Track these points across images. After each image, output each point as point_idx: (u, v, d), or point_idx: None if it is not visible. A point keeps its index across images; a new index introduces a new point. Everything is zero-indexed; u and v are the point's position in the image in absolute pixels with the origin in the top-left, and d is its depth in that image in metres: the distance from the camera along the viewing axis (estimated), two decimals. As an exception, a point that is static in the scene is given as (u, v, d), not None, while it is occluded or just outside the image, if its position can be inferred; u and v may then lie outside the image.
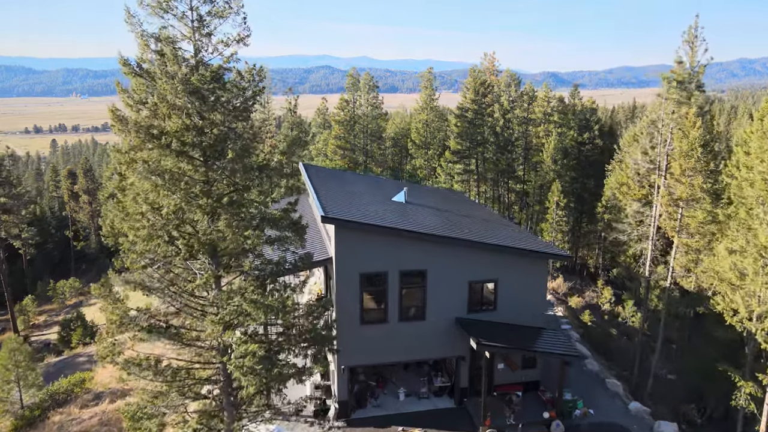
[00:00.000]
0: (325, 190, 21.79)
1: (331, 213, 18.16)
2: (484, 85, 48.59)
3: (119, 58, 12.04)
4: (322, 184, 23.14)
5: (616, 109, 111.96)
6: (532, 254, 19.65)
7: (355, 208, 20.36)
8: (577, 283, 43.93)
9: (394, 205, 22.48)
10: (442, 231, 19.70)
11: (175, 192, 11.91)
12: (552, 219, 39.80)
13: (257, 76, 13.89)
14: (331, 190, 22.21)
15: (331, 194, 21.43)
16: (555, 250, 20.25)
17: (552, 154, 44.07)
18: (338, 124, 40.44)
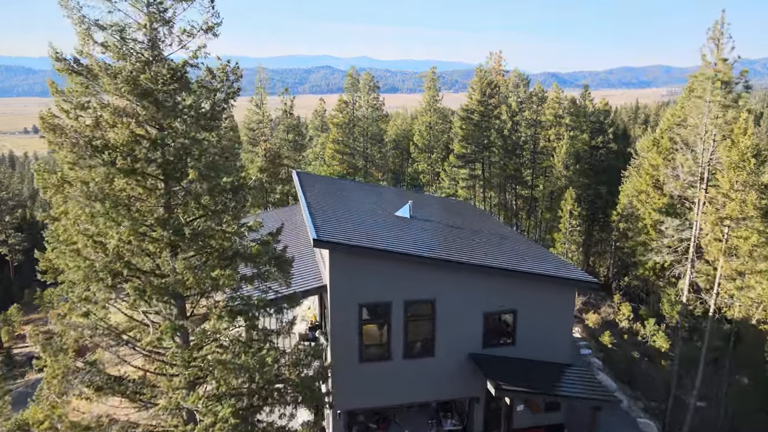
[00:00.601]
0: (319, 204, 19.16)
1: (324, 235, 15.53)
2: (491, 85, 45.98)
3: (50, 51, 9.41)
4: (316, 196, 20.50)
5: (618, 109, 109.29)
6: (558, 281, 17.02)
7: (353, 226, 17.72)
8: (591, 296, 41.29)
9: (398, 222, 19.86)
10: (453, 254, 17.07)
11: (121, 222, 9.28)
12: (565, 229, 37.18)
13: (232, 75, 11.27)
14: (325, 205, 19.58)
15: (326, 210, 18.79)
16: (583, 276, 17.61)
17: (563, 158, 41.44)
18: (336, 126, 37.88)
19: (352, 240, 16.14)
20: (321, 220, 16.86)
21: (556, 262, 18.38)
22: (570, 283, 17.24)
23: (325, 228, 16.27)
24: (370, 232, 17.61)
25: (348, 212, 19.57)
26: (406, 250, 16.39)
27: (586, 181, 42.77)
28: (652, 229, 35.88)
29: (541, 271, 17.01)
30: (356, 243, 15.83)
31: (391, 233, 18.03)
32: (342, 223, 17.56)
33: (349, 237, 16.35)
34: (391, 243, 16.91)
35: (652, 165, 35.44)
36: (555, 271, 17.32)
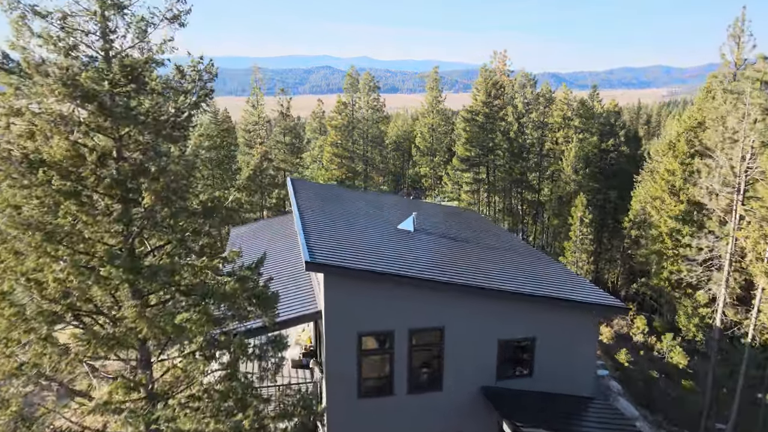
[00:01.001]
0: (313, 217, 17.27)
1: (318, 256, 13.65)
2: (497, 86, 44.13)
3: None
4: (311, 208, 18.62)
5: (621, 110, 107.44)
6: (582, 306, 15.15)
7: (352, 244, 15.83)
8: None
9: (401, 236, 17.98)
10: (464, 275, 15.19)
11: (58, 258, 7.40)
12: (575, 237, 35.29)
13: (206, 74, 9.40)
14: (321, 218, 17.69)
15: (321, 224, 16.90)
16: (609, 300, 15.74)
17: (573, 162, 39.58)
18: (335, 129, 36.03)
19: (350, 261, 14.26)
20: (315, 238, 14.97)
21: (578, 284, 16.50)
22: (595, 308, 15.36)
23: (320, 247, 14.39)
24: (371, 250, 15.73)
25: (346, 226, 17.68)
26: (411, 272, 14.51)
27: (596, 186, 40.88)
28: (668, 237, 34.00)
29: (564, 295, 15.13)
30: (355, 265, 13.95)
31: (394, 251, 16.15)
32: (339, 241, 15.67)
33: (346, 257, 14.47)
34: (394, 263, 15.04)
35: (668, 170, 33.56)
36: (579, 295, 15.44)
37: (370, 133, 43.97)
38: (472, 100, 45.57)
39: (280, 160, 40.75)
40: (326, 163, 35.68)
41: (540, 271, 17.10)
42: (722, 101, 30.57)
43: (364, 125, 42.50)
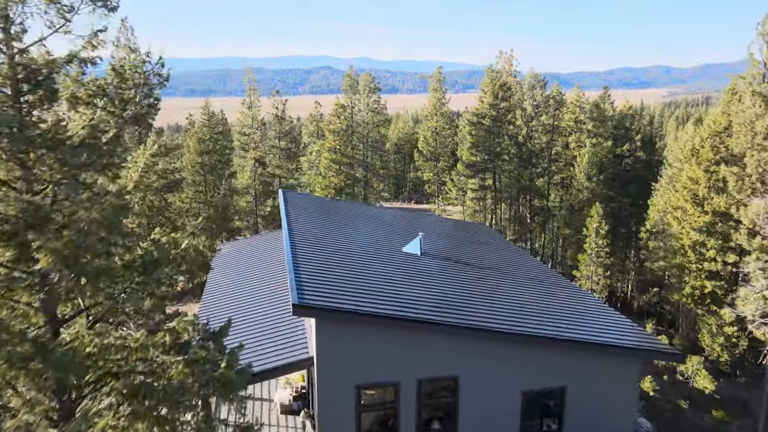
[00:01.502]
0: (305, 245, 14.90)
1: (309, 297, 11.30)
2: (504, 87, 41.76)
3: None
4: (303, 231, 16.25)
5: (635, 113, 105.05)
6: (623, 351, 12.80)
7: (349, 276, 13.46)
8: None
9: (406, 263, 15.64)
10: (481, 314, 12.84)
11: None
12: (590, 249, 32.91)
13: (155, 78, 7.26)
14: (314, 244, 15.31)
15: (314, 251, 14.53)
16: (657, 343, 13.39)
17: (586, 168, 37.21)
18: (333, 134, 33.72)
19: (347, 300, 11.92)
20: (306, 273, 12.60)
21: (615, 321, 14.13)
22: (639, 353, 13.00)
23: (311, 284, 12.03)
24: (372, 283, 13.36)
25: (343, 253, 15.31)
26: (418, 312, 12.16)
27: (611, 194, 38.54)
28: (690, 250, 31.66)
29: (602, 339, 12.77)
30: (352, 307, 11.60)
31: (399, 284, 13.79)
32: (334, 273, 13.30)
33: (343, 295, 12.11)
34: (399, 300, 12.70)
35: (691, 178, 31.20)
36: (618, 337, 13.08)
37: (371, 137, 41.61)
38: (477, 102, 43.19)
39: (275, 166, 38.39)
40: (324, 170, 33.36)
41: (568, 305, 14.73)
42: (751, 104, 28.15)
43: (364, 129, 40.15)
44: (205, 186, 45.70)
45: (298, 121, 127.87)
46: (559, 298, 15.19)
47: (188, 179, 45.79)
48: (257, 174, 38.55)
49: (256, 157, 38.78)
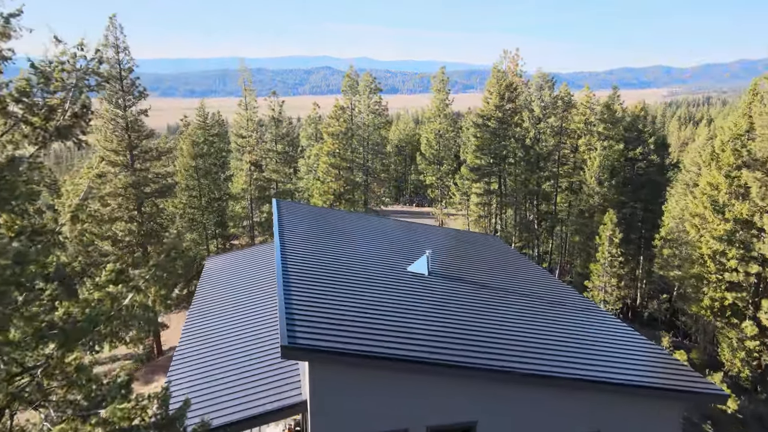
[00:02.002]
0: (298, 268, 13.16)
1: (302, 337, 9.57)
2: (510, 88, 40.05)
3: None
4: (297, 251, 14.51)
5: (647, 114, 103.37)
6: (665, 394, 11.07)
7: (348, 306, 11.71)
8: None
9: (412, 286, 13.92)
10: (500, 350, 11.12)
11: None
12: (603, 258, 31.18)
13: (92, 78, 5.36)
14: (308, 266, 13.56)
15: (309, 276, 12.79)
16: (703, 384, 11.65)
17: (596, 172, 35.50)
18: (332, 137, 32.06)
19: (346, 335, 10.19)
20: (300, 305, 10.86)
21: (651, 355, 12.41)
22: (683, 396, 11.26)
23: (305, 320, 10.29)
24: (374, 315, 11.62)
25: (342, 275, 13.57)
26: (427, 350, 10.43)
27: (623, 199, 36.81)
28: (710, 260, 29.95)
29: (640, 380, 11.03)
30: (352, 346, 9.86)
31: (406, 313, 12.05)
32: (332, 304, 11.55)
33: (340, 331, 10.37)
34: (406, 333, 10.98)
35: (711, 184, 29.49)
36: (658, 376, 11.35)
37: (371, 140, 39.86)
38: (482, 103, 41.50)
39: (271, 171, 36.63)
40: (322, 174, 31.70)
41: (597, 336, 13.00)
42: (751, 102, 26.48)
43: (365, 131, 38.41)
44: (199, 191, 43.96)
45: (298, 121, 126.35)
46: (585, 326, 13.45)
47: (181, 184, 44.09)
48: (252, 178, 36.83)
49: (251, 160, 37.07)
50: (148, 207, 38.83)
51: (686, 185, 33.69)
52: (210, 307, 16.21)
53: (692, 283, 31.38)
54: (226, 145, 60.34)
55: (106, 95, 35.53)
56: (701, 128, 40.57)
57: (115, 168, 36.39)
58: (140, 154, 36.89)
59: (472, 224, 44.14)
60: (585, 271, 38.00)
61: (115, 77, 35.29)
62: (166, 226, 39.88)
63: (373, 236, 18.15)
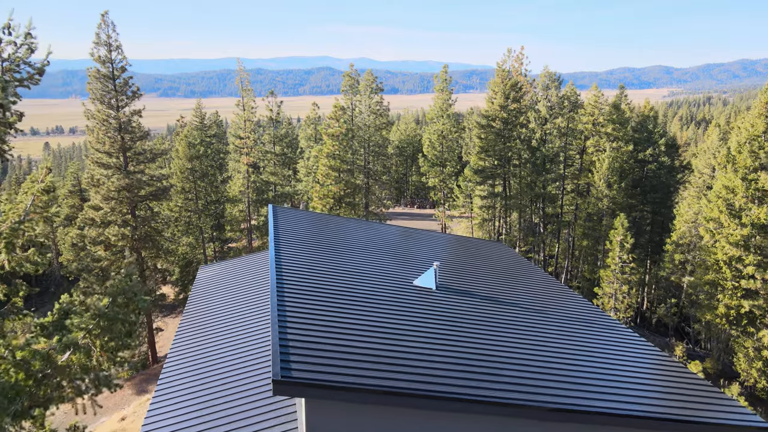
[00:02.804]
0: (295, 287, 11.96)
1: (298, 370, 8.37)
2: (516, 87, 38.86)
3: None
4: (294, 266, 13.32)
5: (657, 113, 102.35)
6: (709, 427, 9.87)
7: (350, 330, 10.51)
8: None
9: (420, 302, 12.72)
10: (521, 380, 9.91)
11: None
12: (614, 265, 29.99)
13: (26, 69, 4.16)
14: (306, 283, 12.37)
15: (306, 296, 11.59)
16: (745, 415, 10.47)
17: (606, 175, 34.30)
18: (331, 138, 30.91)
19: (347, 366, 8.98)
20: (295, 331, 9.66)
21: (686, 384, 11.20)
22: (725, 428, 10.06)
23: (302, 349, 9.08)
24: (381, 338, 10.42)
25: (343, 292, 12.38)
26: (442, 381, 9.22)
27: (632, 202, 35.62)
28: (726, 266, 28.78)
29: (680, 416, 9.83)
30: (355, 379, 8.65)
31: (416, 336, 10.85)
32: (332, 328, 10.35)
33: (342, 359, 9.17)
34: (417, 360, 9.78)
35: (727, 187, 28.31)
36: (696, 411, 10.15)
37: (372, 141, 38.66)
38: (486, 103, 40.34)
39: (269, 173, 35.42)
40: (321, 177, 30.55)
41: (626, 361, 11.79)
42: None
43: (365, 132, 37.21)
44: (195, 194, 42.79)
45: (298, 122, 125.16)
46: (610, 348, 12.25)
47: (177, 186, 42.95)
48: (250, 181, 35.65)
49: (249, 162, 35.90)
50: (142, 210, 37.71)
51: (699, 188, 32.50)
52: (200, 324, 15.04)
53: (706, 289, 30.22)
54: (225, 146, 59.18)
55: (99, 95, 34.50)
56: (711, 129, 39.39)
57: (107, 170, 35.30)
58: (134, 156, 35.77)
59: (476, 227, 42.97)
60: (593, 276, 36.86)
61: (107, 76, 34.21)
62: (161, 230, 38.76)
63: (375, 245, 16.95)
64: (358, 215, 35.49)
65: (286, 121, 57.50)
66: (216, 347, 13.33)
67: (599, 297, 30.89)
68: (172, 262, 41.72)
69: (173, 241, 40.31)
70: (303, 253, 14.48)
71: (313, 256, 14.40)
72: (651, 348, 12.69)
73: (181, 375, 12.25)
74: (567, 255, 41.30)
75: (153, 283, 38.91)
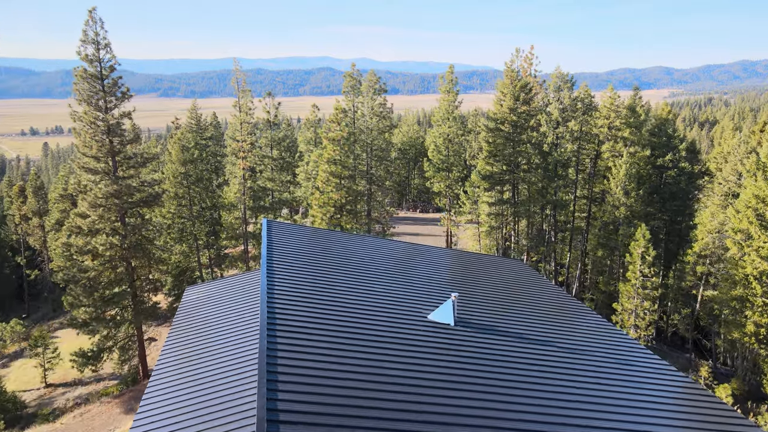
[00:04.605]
0: (287, 317, 10.00)
1: (287, 421, 6.41)
2: (526, 89, 36.90)
3: None
4: (287, 291, 11.37)
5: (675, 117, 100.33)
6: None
7: (350, 377, 8.53)
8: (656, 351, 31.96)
9: (436, 342, 10.77)
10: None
11: None
12: (634, 279, 28.00)
13: None
14: (300, 314, 10.39)
15: (299, 332, 9.62)
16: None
17: (623, 182, 32.32)
18: (332, 142, 28.95)
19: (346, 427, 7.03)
20: (288, 382, 7.69)
21: (723, 418, 9.27)
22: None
23: (294, 406, 7.13)
24: (387, 391, 8.45)
25: (344, 329, 10.40)
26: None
27: (650, 210, 33.63)
28: (755, 281, 26.79)
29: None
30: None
31: (433, 388, 8.87)
32: (333, 381, 8.37)
33: (342, 416, 7.21)
34: (434, 413, 7.83)
35: (758, 197, 26.33)
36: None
37: (375, 145, 36.70)
38: (495, 105, 38.38)
39: (266, 179, 33.46)
40: (321, 184, 28.61)
41: (654, 391, 9.88)
42: None
43: (368, 136, 35.25)
44: (189, 199, 40.83)
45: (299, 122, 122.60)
46: (643, 382, 10.32)
47: (170, 192, 41.00)
48: (246, 187, 33.70)
49: (245, 167, 33.96)
50: (132, 218, 35.80)
51: (724, 196, 30.54)
52: (182, 356, 13.08)
53: (733, 305, 28.25)
54: (223, 148, 57.18)
55: (86, 96, 32.62)
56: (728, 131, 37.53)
57: (95, 176, 33.39)
58: (124, 161, 33.85)
59: (483, 235, 41.02)
60: (608, 288, 34.91)
61: (95, 76, 32.29)
62: (152, 239, 36.84)
63: (379, 266, 14.97)
64: (359, 224, 33.57)
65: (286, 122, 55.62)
66: (200, 384, 11.36)
67: (618, 313, 28.92)
68: (164, 271, 39.80)
69: (165, 250, 38.34)
70: (299, 278, 12.52)
71: (311, 282, 12.42)
72: (678, 376, 10.87)
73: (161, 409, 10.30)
74: (578, 264, 39.33)
75: (144, 294, 37.00)
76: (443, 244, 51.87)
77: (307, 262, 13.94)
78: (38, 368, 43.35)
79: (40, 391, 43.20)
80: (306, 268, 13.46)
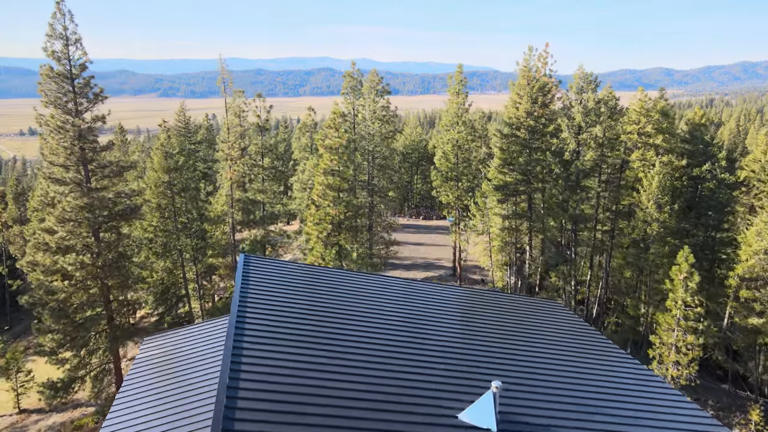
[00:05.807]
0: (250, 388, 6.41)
1: None
2: (544, 90, 33.34)
3: None
4: (259, 359, 7.78)
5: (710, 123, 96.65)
6: None
7: None
8: (699, 390, 28.38)
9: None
10: None
11: None
12: (675, 309, 24.41)
13: None
14: (266, 388, 6.79)
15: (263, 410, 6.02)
16: None
17: (655, 195, 28.73)
18: (329, 151, 25.39)
19: None
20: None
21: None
22: None
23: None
24: None
25: (318, 416, 6.83)
26: None
27: (685, 226, 30.06)
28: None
29: None
30: None
31: None
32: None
33: None
34: None
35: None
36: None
37: (378, 152, 33.12)
38: (510, 109, 34.81)
39: (256, 190, 29.86)
40: (317, 198, 25.10)
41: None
42: None
43: (369, 143, 31.68)
44: (174, 211, 37.25)
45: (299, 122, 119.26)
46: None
47: (152, 202, 37.43)
48: (234, 199, 30.14)
49: (232, 176, 30.41)
50: (107, 233, 32.24)
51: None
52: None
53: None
54: (216, 152, 53.67)
55: (53, 97, 29.13)
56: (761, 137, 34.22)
57: (64, 187, 29.86)
58: (97, 170, 30.34)
59: (495, 250, 37.48)
60: (637, 313, 31.35)
61: (63, 75, 28.75)
62: (130, 256, 33.26)
63: (385, 323, 11.33)
64: (360, 240, 30.03)
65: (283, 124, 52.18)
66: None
67: (655, 347, 25.32)
68: (144, 289, 36.25)
69: (146, 267, 34.79)
70: (276, 339, 8.89)
71: (290, 347, 8.78)
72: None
73: None
74: (600, 284, 35.73)
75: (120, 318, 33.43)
76: (450, 255, 48.28)
77: (288, 313, 10.33)
78: (10, 392, 39.96)
79: (12, 418, 39.79)
80: (286, 321, 9.86)
